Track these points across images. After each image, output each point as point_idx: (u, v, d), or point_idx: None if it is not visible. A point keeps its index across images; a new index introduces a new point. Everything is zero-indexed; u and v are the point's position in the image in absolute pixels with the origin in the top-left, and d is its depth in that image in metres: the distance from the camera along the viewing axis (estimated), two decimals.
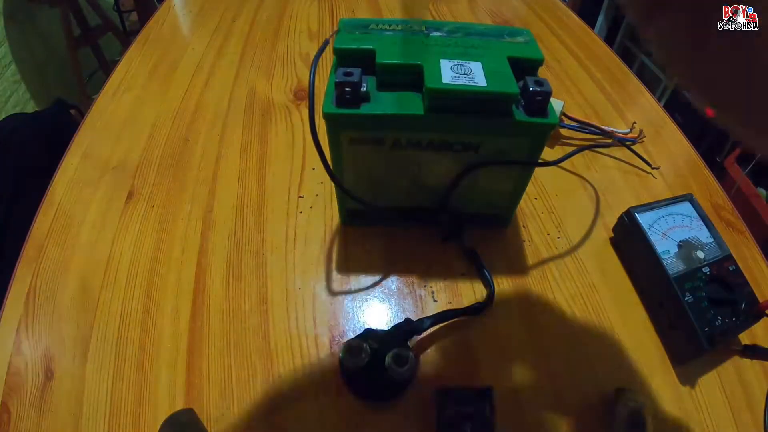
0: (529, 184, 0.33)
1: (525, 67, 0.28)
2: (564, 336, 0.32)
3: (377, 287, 0.34)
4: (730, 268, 0.32)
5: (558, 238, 0.38)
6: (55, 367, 0.29)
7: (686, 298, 0.30)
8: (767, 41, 0.11)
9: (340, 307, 0.32)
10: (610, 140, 0.45)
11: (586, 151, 0.44)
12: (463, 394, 0.27)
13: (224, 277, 0.33)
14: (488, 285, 0.33)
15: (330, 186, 0.39)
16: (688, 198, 0.36)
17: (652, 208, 0.35)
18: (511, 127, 0.28)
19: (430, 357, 0.30)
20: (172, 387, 0.28)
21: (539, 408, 0.29)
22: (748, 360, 0.32)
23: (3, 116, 1.10)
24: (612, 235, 0.38)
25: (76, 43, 1.28)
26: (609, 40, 1.79)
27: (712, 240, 0.34)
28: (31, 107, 1.20)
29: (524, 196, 0.34)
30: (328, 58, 0.28)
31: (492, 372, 0.30)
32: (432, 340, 0.31)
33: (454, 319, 0.31)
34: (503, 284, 0.34)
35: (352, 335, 0.31)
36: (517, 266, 0.35)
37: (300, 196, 0.39)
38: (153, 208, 0.38)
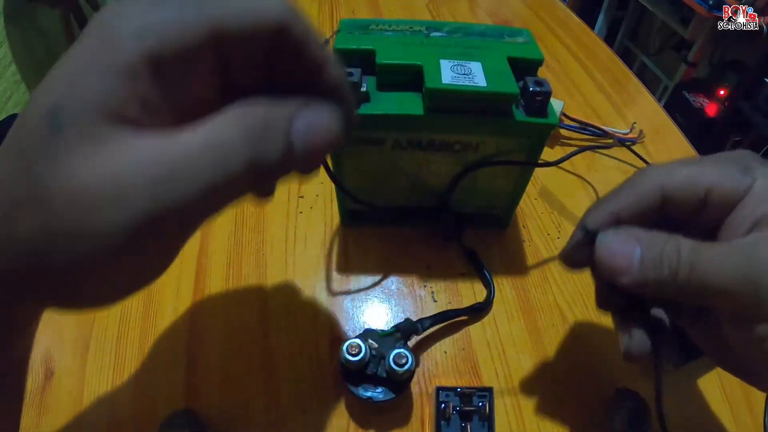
0: (529, 184, 0.33)
1: (525, 67, 0.28)
2: (564, 336, 0.32)
3: (377, 287, 0.34)
4: None
5: (558, 238, 0.38)
6: (55, 367, 0.29)
7: None
8: None
9: (340, 307, 0.32)
10: (610, 140, 0.45)
11: (587, 152, 0.44)
12: (463, 394, 0.27)
13: (224, 277, 0.33)
14: (488, 285, 0.33)
15: (330, 186, 0.39)
16: None
17: None
18: (511, 127, 0.28)
19: (430, 357, 0.30)
20: (172, 387, 0.28)
21: (539, 408, 0.29)
22: None
23: (3, 116, 1.10)
24: None
25: None
26: (609, 40, 1.79)
27: None
28: None
29: (524, 196, 0.34)
30: None
31: (492, 372, 0.30)
32: (432, 340, 0.31)
33: (454, 319, 0.31)
34: (503, 284, 0.34)
35: (352, 335, 0.31)
36: (517, 266, 0.36)
37: (300, 196, 0.39)
38: None
